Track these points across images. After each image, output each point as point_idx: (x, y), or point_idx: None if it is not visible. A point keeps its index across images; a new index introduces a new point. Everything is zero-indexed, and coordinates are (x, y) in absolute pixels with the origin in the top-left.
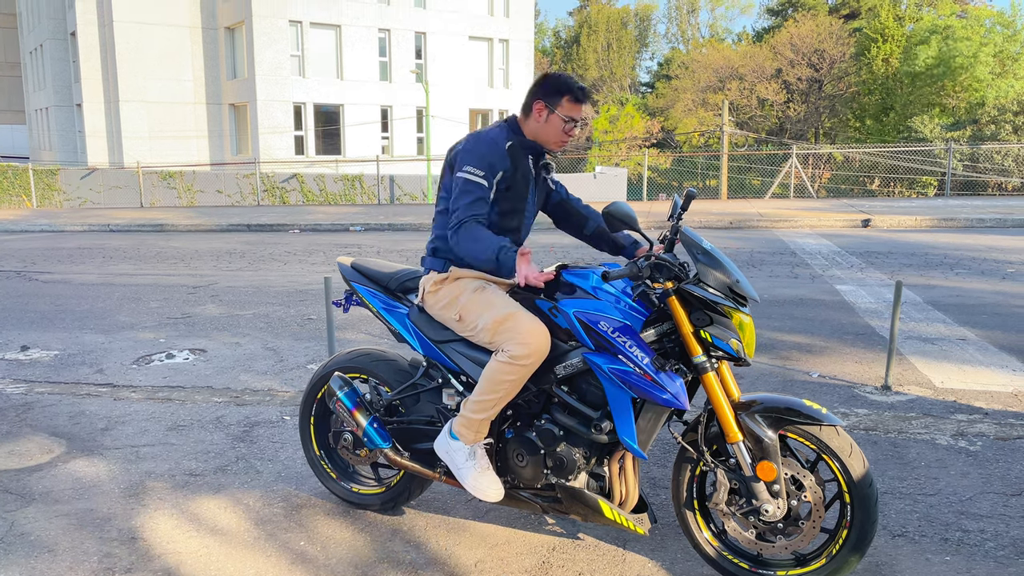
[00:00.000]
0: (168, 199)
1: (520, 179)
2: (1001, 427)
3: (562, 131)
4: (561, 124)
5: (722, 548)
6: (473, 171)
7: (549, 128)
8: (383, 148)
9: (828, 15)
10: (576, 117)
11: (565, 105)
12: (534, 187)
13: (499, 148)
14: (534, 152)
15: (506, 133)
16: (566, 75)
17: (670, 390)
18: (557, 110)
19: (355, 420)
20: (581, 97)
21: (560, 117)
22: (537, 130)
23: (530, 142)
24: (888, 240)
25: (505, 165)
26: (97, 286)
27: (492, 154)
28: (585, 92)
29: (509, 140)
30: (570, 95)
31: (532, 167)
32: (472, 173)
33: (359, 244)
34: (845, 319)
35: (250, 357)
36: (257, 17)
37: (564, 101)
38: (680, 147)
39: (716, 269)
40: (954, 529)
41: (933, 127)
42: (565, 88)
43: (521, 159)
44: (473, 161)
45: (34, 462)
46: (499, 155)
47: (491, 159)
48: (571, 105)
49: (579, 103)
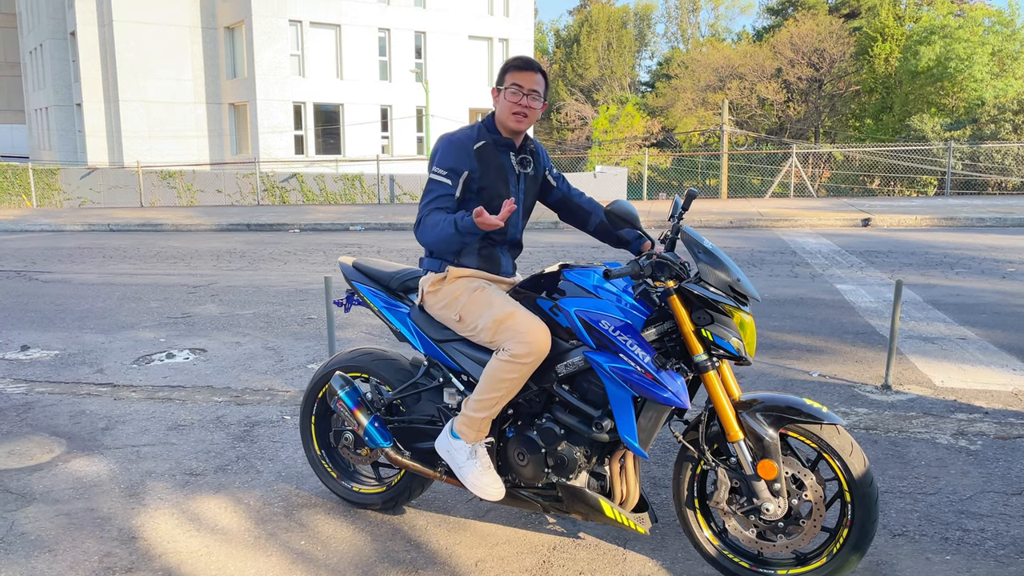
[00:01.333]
0: (168, 199)
1: (495, 177)
2: (1001, 426)
3: (509, 102)
4: (509, 96)
5: (723, 547)
6: (437, 171)
7: (502, 108)
8: (383, 147)
9: (828, 14)
10: (520, 83)
11: (508, 79)
12: (518, 183)
13: (466, 149)
14: (511, 148)
15: (477, 133)
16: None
17: (671, 389)
18: (503, 86)
19: (356, 419)
20: (522, 65)
21: (508, 91)
22: (499, 116)
23: (505, 139)
24: (888, 239)
25: (472, 166)
26: (97, 286)
27: (458, 155)
28: (528, 61)
29: (481, 140)
30: (512, 68)
31: (513, 163)
32: (436, 173)
33: (359, 244)
34: (845, 318)
35: (250, 356)
36: (257, 16)
37: (507, 77)
38: (680, 146)
39: (717, 268)
40: (954, 528)
41: (933, 126)
42: (508, 64)
43: (494, 157)
44: (438, 162)
45: (34, 462)
46: (465, 156)
47: (456, 160)
48: (512, 74)
49: (520, 70)
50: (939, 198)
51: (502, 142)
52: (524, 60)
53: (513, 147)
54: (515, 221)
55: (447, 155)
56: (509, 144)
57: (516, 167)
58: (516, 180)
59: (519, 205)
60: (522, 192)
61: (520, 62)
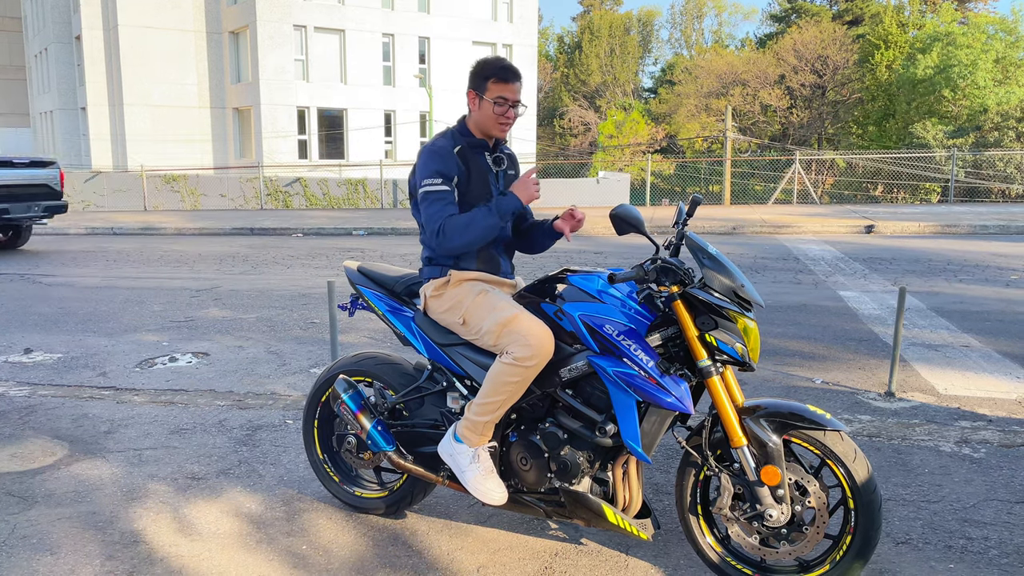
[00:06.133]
0: (171, 202)
1: (476, 180)
2: (1005, 434)
3: (495, 114)
4: (492, 107)
5: (725, 554)
6: (431, 182)
7: (483, 115)
8: (386, 152)
9: (831, 21)
10: (507, 96)
11: (492, 88)
12: (496, 182)
13: (449, 154)
14: (485, 148)
15: (451, 140)
16: (494, 58)
17: (675, 394)
18: (486, 95)
19: (359, 423)
20: (507, 76)
21: (489, 101)
22: (477, 120)
23: (479, 140)
24: (891, 246)
25: (459, 170)
26: (100, 289)
27: (444, 162)
28: (511, 70)
29: (457, 145)
30: (495, 77)
31: (489, 163)
32: (431, 184)
33: (362, 248)
34: (848, 325)
35: (253, 360)
36: (261, 21)
37: (490, 84)
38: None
39: (721, 274)
40: (958, 536)
41: (936, 133)
42: (489, 71)
43: (472, 159)
44: (428, 174)
45: (36, 465)
46: (451, 161)
47: (444, 167)
48: (498, 86)
49: (506, 82)
50: (942, 205)
51: (476, 144)
52: (506, 69)
53: (487, 147)
54: None
55: (435, 162)
56: (483, 145)
57: (492, 166)
58: (495, 179)
59: None
60: (498, 192)
61: (503, 72)
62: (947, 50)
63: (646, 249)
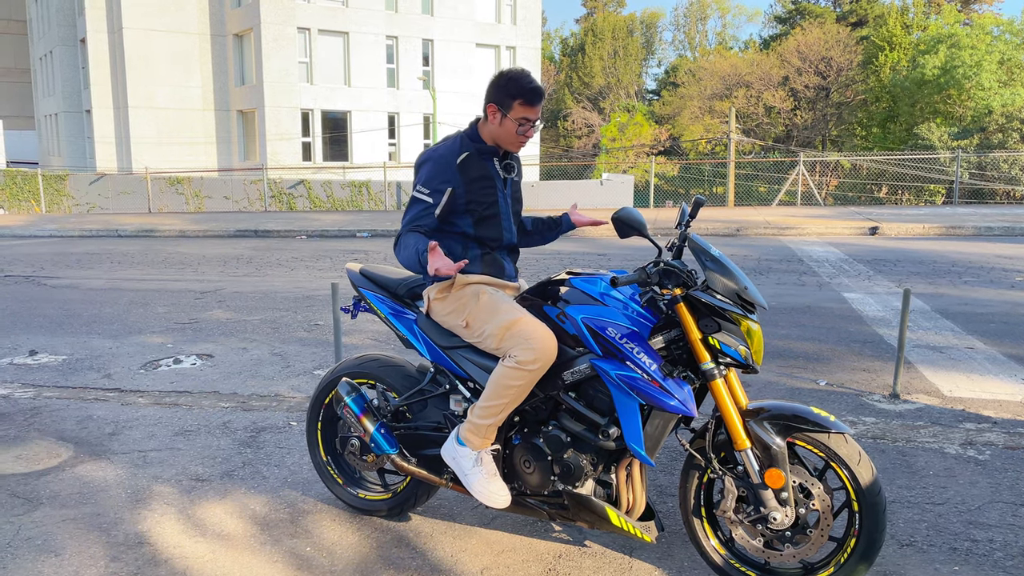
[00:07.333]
0: (176, 205)
1: (481, 188)
2: (1010, 436)
3: (516, 134)
4: (515, 127)
5: (729, 556)
6: (420, 188)
7: (503, 131)
8: (390, 154)
9: (835, 23)
10: (530, 118)
11: (517, 108)
12: (504, 187)
13: (449, 165)
14: (495, 155)
15: (460, 145)
16: (520, 75)
17: (678, 396)
18: (510, 114)
19: (362, 425)
20: (534, 99)
21: (513, 121)
22: (493, 132)
23: (489, 147)
24: (896, 248)
25: (455, 182)
26: (105, 291)
27: (442, 173)
28: (538, 93)
29: (464, 152)
30: (522, 99)
31: (498, 169)
32: (419, 191)
33: (366, 250)
34: (853, 327)
35: (257, 362)
36: (266, 24)
37: (516, 105)
38: (687, 154)
39: (724, 276)
40: (963, 539)
41: (941, 135)
42: (516, 91)
43: (478, 167)
44: (423, 181)
45: (41, 466)
46: (449, 173)
47: (439, 179)
48: (523, 108)
49: (532, 105)
50: (947, 207)
51: (486, 151)
52: (534, 92)
53: (497, 154)
54: (508, 225)
55: (431, 174)
56: (494, 152)
57: (501, 172)
58: (503, 185)
59: (508, 209)
60: (509, 197)
61: (531, 96)
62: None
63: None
